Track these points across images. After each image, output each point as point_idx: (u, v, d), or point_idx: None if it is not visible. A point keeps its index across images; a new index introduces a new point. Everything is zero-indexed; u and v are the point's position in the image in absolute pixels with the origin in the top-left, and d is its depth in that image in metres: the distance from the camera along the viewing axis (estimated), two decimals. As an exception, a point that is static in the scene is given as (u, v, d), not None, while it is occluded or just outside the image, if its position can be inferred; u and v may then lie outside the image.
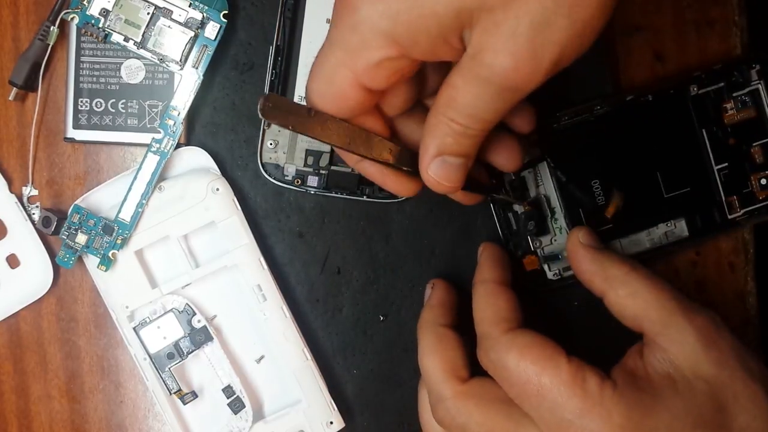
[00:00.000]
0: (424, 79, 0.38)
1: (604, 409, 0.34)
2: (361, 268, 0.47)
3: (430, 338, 0.41)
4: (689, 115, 0.45)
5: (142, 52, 0.44)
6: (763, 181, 0.45)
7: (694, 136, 0.45)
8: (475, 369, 0.40)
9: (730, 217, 0.45)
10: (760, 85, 0.45)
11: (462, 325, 0.42)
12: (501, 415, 0.37)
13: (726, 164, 0.45)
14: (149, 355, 0.45)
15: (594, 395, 0.35)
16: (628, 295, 0.38)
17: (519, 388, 0.36)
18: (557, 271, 0.45)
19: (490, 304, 0.40)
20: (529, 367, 0.36)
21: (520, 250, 0.45)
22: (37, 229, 0.46)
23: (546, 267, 0.45)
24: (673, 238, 0.45)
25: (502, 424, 0.37)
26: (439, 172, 0.35)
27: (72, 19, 0.44)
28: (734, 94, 0.45)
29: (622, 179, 0.45)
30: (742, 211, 0.45)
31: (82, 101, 0.46)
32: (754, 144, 0.45)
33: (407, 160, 0.37)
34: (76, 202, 0.45)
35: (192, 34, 0.44)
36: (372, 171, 0.38)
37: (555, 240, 0.45)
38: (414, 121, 0.38)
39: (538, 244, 0.45)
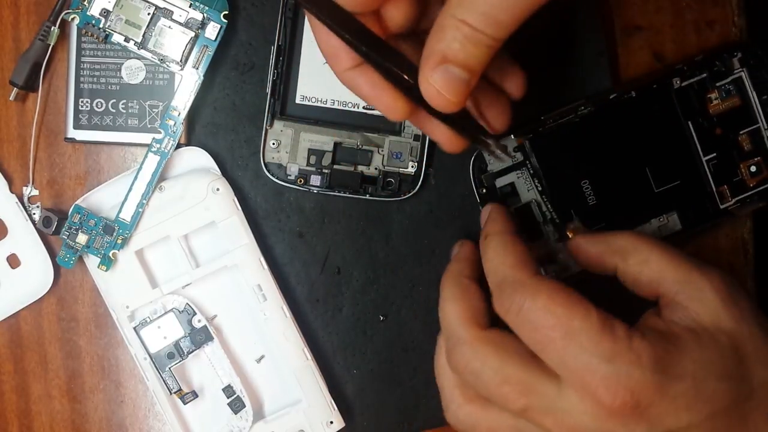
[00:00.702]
0: (427, 7, 0.36)
1: (633, 354, 0.33)
2: (361, 268, 0.47)
3: (454, 287, 0.39)
4: (674, 108, 0.45)
5: (142, 52, 0.45)
6: (753, 169, 0.45)
7: (681, 128, 0.45)
8: (494, 325, 0.39)
9: (722, 207, 0.45)
10: (743, 73, 0.45)
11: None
12: (517, 364, 0.36)
13: (714, 154, 0.45)
14: (149, 355, 0.45)
15: (623, 341, 0.34)
16: (640, 263, 0.38)
17: (545, 332, 0.35)
18: (553, 274, 0.45)
19: (510, 251, 0.38)
20: (559, 309, 0.35)
21: None
22: (37, 229, 0.46)
23: (542, 270, 0.45)
24: (667, 232, 0.45)
25: (518, 374, 0.36)
26: (440, 81, 0.33)
27: (72, 19, 0.44)
28: (717, 84, 0.45)
29: (611, 177, 0.45)
30: (734, 200, 0.46)
31: (82, 101, 0.46)
32: (741, 132, 0.45)
33: (407, 71, 0.34)
34: (76, 202, 0.45)
35: (192, 34, 0.44)
36: (363, 81, 0.36)
37: (548, 244, 0.45)
38: (410, 47, 0.37)
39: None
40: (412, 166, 0.46)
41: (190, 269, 0.46)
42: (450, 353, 0.38)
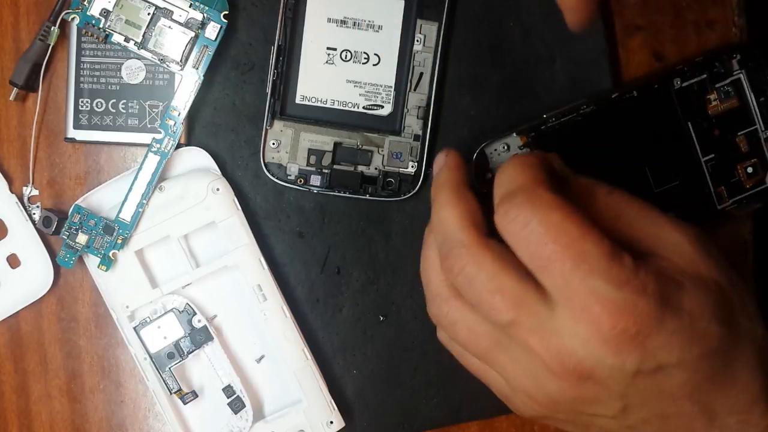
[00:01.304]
0: None
1: (640, 283, 0.33)
2: (361, 268, 0.47)
3: (450, 193, 0.38)
4: (674, 108, 0.45)
5: (142, 52, 0.45)
6: (750, 170, 0.45)
7: (680, 129, 0.45)
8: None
9: (719, 207, 0.45)
10: (741, 75, 0.45)
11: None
12: (514, 277, 0.34)
13: (713, 155, 0.45)
14: (149, 355, 0.45)
15: (631, 270, 0.33)
16: (613, 218, 0.37)
17: (554, 250, 0.33)
18: None
19: (529, 165, 0.37)
20: (573, 228, 0.33)
21: None
22: (37, 229, 0.46)
23: None
24: None
25: (513, 286, 0.34)
26: None
27: (72, 19, 0.44)
28: (717, 85, 0.45)
29: (611, 176, 0.45)
30: (731, 201, 0.46)
31: (82, 101, 0.46)
32: (738, 133, 0.45)
33: None
34: (76, 202, 0.45)
35: (192, 34, 0.44)
36: None
37: None
38: None
39: None
40: (412, 166, 0.46)
41: (190, 269, 0.46)
42: (446, 256, 0.36)
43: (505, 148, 0.44)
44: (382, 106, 0.46)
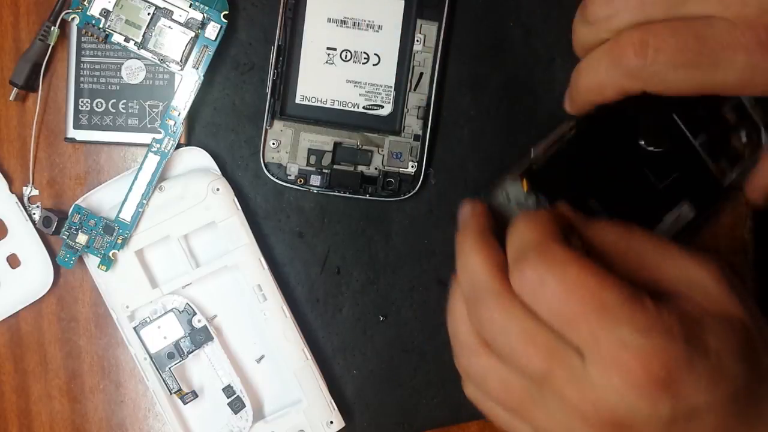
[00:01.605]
0: None
1: (665, 325, 0.32)
2: (361, 268, 0.47)
3: (476, 240, 0.37)
4: (657, 101, 0.44)
5: (142, 52, 0.45)
6: (744, 138, 0.45)
7: (668, 120, 0.45)
8: None
9: (725, 185, 0.45)
10: None
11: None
12: (545, 327, 0.34)
13: (705, 136, 0.45)
14: (149, 355, 0.45)
15: (655, 313, 0.33)
16: (635, 260, 0.37)
17: (575, 306, 0.33)
18: None
19: (539, 222, 0.36)
20: (591, 281, 0.33)
21: None
22: (37, 229, 0.46)
23: None
24: (683, 223, 0.45)
25: (546, 337, 0.34)
26: None
27: (72, 19, 0.44)
28: None
29: (615, 187, 0.45)
30: (734, 173, 0.45)
31: (82, 101, 0.46)
32: (724, 107, 0.45)
33: None
34: (76, 202, 0.45)
35: (192, 34, 0.44)
36: None
37: None
38: None
39: None
40: (412, 166, 0.46)
41: (190, 269, 0.46)
42: (474, 305, 0.36)
43: (506, 196, 0.45)
44: (382, 106, 0.46)
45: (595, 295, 0.33)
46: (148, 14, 0.44)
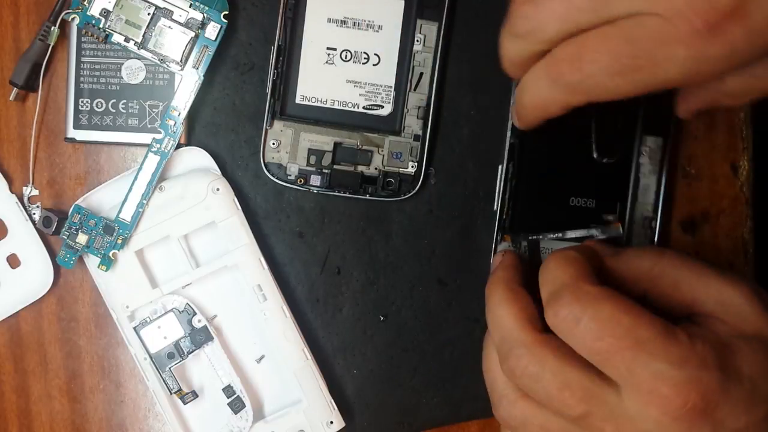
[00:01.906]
0: None
1: (699, 358, 0.33)
2: (361, 268, 0.47)
3: (505, 292, 0.39)
4: None
5: (142, 52, 0.45)
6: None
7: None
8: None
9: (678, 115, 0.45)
10: None
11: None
12: (578, 369, 0.35)
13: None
14: (149, 355, 0.45)
15: (688, 346, 0.34)
16: (670, 286, 0.38)
17: (611, 342, 0.34)
18: None
19: (569, 261, 0.37)
20: (625, 318, 0.34)
21: None
22: (37, 229, 0.46)
23: None
24: (653, 152, 0.45)
25: (579, 379, 0.35)
26: None
27: (72, 19, 0.44)
28: None
29: (582, 175, 0.45)
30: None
31: (82, 101, 0.46)
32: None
33: None
34: (76, 202, 0.45)
35: (192, 34, 0.44)
36: None
37: None
38: None
39: None
40: (412, 166, 0.46)
41: (190, 269, 0.46)
42: (506, 357, 0.37)
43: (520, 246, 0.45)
44: (382, 106, 0.46)
45: (629, 331, 0.34)
46: (148, 14, 0.44)
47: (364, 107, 0.46)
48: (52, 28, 0.45)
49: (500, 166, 0.45)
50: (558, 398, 0.35)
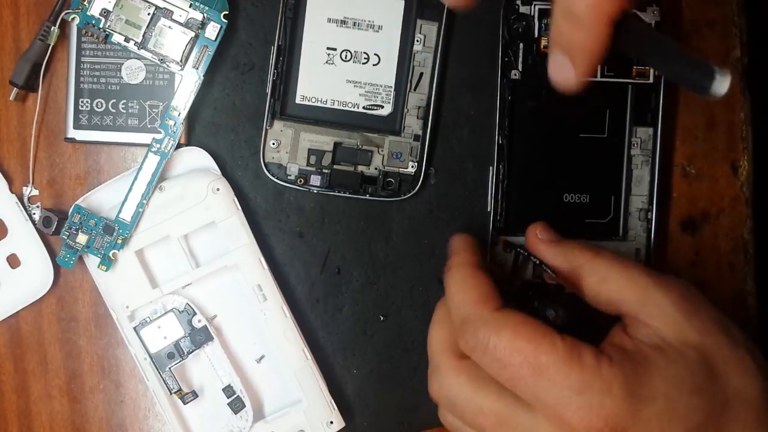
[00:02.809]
0: None
1: (603, 383, 0.34)
2: (361, 268, 0.47)
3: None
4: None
5: (142, 52, 0.45)
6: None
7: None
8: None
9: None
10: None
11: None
12: (491, 394, 0.36)
13: (612, 73, 0.45)
14: (150, 355, 0.45)
15: (592, 369, 0.34)
16: (598, 282, 0.38)
17: (514, 369, 0.35)
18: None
19: (473, 285, 0.38)
20: (524, 345, 0.35)
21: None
22: (37, 229, 0.46)
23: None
24: (644, 143, 0.46)
25: (492, 405, 0.36)
26: None
27: (73, 19, 0.44)
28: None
29: (573, 173, 0.46)
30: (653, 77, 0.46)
31: (82, 101, 0.46)
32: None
33: None
34: (76, 202, 0.45)
35: (192, 34, 0.44)
36: None
37: None
38: None
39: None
40: (412, 166, 0.46)
41: (190, 269, 0.46)
42: (463, 331, 0.37)
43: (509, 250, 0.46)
44: (382, 106, 0.46)
45: (528, 358, 0.35)
46: (148, 14, 0.44)
47: (364, 107, 0.46)
48: (52, 28, 0.45)
49: (491, 168, 0.45)
50: (473, 423, 0.36)
